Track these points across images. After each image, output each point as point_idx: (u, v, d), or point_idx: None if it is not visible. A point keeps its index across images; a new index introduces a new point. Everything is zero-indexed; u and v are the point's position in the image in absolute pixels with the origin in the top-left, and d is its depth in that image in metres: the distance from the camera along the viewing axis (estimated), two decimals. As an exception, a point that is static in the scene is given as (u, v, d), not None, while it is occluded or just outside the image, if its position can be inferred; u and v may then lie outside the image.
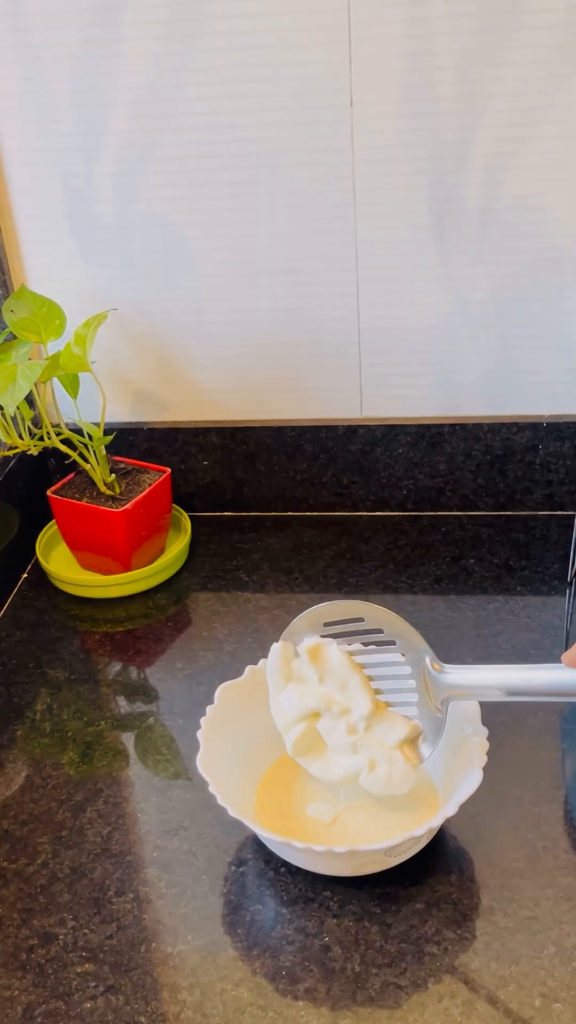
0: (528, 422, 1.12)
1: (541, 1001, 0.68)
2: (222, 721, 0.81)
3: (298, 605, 1.06)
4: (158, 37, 1.00)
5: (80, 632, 1.06)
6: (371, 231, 1.06)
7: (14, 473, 1.14)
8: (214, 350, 1.15)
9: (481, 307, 1.09)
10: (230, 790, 0.76)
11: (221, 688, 0.83)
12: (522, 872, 0.76)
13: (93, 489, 1.10)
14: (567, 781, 0.84)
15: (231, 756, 0.80)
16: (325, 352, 1.14)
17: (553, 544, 1.12)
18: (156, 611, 1.08)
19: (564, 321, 1.08)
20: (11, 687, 0.99)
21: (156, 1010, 0.69)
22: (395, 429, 1.14)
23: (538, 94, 0.98)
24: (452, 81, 0.98)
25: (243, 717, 0.82)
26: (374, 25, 0.97)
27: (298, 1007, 0.69)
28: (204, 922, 0.75)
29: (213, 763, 0.77)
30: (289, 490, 1.20)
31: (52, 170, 1.08)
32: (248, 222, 1.08)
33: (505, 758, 0.85)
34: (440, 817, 0.72)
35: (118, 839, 0.82)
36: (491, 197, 1.03)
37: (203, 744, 0.78)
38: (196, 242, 1.10)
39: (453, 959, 0.71)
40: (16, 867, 0.80)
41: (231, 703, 0.82)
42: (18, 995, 0.71)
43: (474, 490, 1.17)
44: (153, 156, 1.06)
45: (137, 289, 1.13)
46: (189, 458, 1.19)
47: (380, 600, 1.06)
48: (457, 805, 0.72)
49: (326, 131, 1.02)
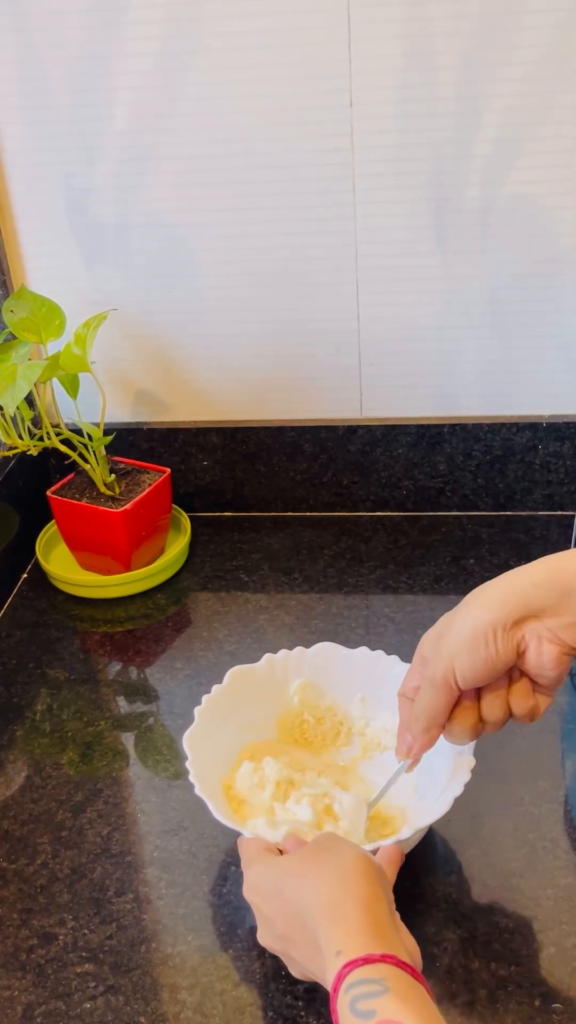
0: (528, 422, 1.12)
1: (541, 1001, 0.68)
2: (223, 703, 0.82)
3: (298, 605, 1.06)
4: (158, 37, 1.00)
5: (80, 632, 1.06)
6: (371, 231, 1.06)
7: (14, 473, 1.14)
8: (214, 350, 1.15)
9: (481, 307, 1.09)
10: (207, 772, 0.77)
11: (232, 672, 0.84)
12: (522, 872, 0.76)
13: (93, 489, 1.10)
14: (567, 781, 0.84)
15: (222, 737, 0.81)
16: (325, 352, 1.14)
17: (553, 544, 1.12)
18: (156, 611, 1.08)
19: (564, 321, 1.08)
20: (11, 687, 0.99)
21: (156, 1010, 0.69)
22: (395, 429, 1.14)
23: (538, 94, 0.98)
24: (452, 81, 0.98)
25: (245, 704, 0.83)
26: (374, 25, 0.97)
27: (298, 1007, 0.69)
28: (204, 922, 0.75)
29: (199, 740, 0.78)
30: (289, 490, 1.20)
31: (52, 170, 1.08)
32: (248, 222, 1.08)
33: (505, 758, 0.85)
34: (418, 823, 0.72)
35: (118, 839, 0.82)
36: (491, 197, 1.03)
37: (197, 720, 0.80)
38: (196, 242, 1.10)
39: (453, 959, 0.71)
40: (16, 867, 0.80)
41: (239, 687, 0.84)
42: (18, 995, 0.71)
43: (474, 490, 1.17)
44: (153, 156, 1.06)
45: (137, 289, 1.13)
46: (189, 458, 1.19)
47: (380, 600, 1.06)
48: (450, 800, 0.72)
49: (326, 131, 1.02)
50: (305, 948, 0.60)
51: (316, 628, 1.03)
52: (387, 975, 0.54)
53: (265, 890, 0.64)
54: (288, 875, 0.62)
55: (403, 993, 0.52)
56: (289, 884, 0.62)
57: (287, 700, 0.86)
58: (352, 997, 0.53)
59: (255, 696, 0.84)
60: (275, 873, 0.64)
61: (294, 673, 0.86)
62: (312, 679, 0.86)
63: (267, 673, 0.85)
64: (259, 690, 0.84)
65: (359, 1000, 0.53)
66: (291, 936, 0.61)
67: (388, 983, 0.53)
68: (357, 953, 0.55)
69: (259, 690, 0.84)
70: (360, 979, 0.54)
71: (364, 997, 0.53)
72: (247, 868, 0.67)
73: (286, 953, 0.63)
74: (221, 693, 0.83)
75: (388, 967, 0.54)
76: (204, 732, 0.79)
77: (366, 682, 0.85)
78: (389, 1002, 0.52)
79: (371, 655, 0.85)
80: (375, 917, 0.57)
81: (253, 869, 0.66)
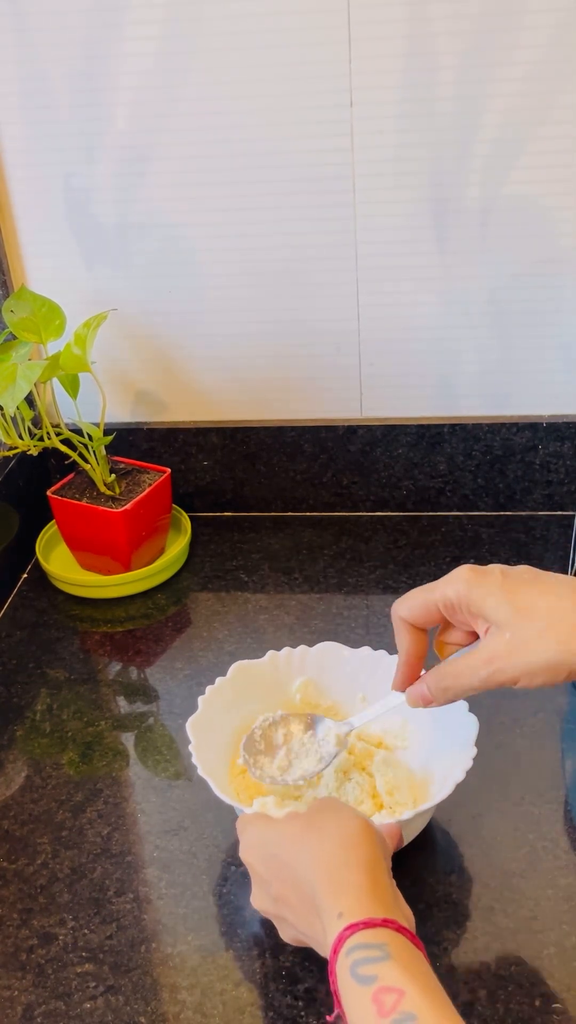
0: (528, 422, 1.12)
1: (541, 1001, 0.68)
2: (227, 694, 0.83)
3: (298, 605, 1.06)
4: (158, 37, 1.00)
5: (80, 632, 1.06)
6: (371, 231, 1.06)
7: (14, 473, 1.14)
8: (214, 350, 1.15)
9: (481, 307, 1.09)
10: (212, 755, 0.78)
11: (236, 666, 0.85)
12: (522, 872, 0.76)
13: (93, 489, 1.10)
14: (567, 781, 0.84)
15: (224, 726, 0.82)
16: (325, 352, 1.14)
17: (553, 544, 1.12)
18: (156, 611, 1.08)
19: (564, 321, 1.08)
20: (11, 687, 0.99)
21: (156, 1010, 0.69)
22: (395, 429, 1.14)
23: (538, 94, 0.98)
24: (452, 81, 0.98)
25: (247, 698, 0.84)
26: (374, 25, 0.97)
27: (298, 1007, 0.69)
28: (204, 922, 0.75)
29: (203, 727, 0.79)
30: (289, 490, 1.20)
31: (52, 170, 1.08)
32: (248, 222, 1.08)
33: (505, 758, 0.85)
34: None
35: (118, 839, 0.82)
36: (491, 197, 1.03)
37: (201, 707, 0.80)
38: (196, 242, 1.10)
39: (453, 959, 0.71)
40: (16, 867, 0.80)
41: (242, 681, 0.84)
42: (18, 995, 0.71)
43: (474, 490, 1.17)
44: (153, 156, 1.06)
45: (137, 289, 1.13)
46: (189, 458, 1.19)
47: (380, 600, 1.06)
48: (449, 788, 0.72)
49: (326, 131, 1.02)
50: (301, 911, 0.60)
51: (316, 628, 1.03)
52: (388, 940, 0.54)
53: (262, 852, 0.64)
54: (288, 837, 0.62)
55: (403, 959, 0.53)
56: (288, 846, 0.61)
57: (289, 698, 0.86)
58: (353, 961, 0.53)
59: (257, 692, 0.84)
60: (273, 835, 0.64)
61: (296, 671, 0.86)
62: (314, 678, 0.86)
63: (270, 670, 0.86)
64: (261, 686, 0.85)
65: (360, 964, 0.53)
66: (287, 898, 0.61)
67: (389, 948, 0.53)
68: (359, 917, 0.55)
69: (261, 686, 0.85)
70: (361, 943, 0.54)
71: (365, 962, 0.53)
72: (243, 831, 0.67)
73: (280, 916, 0.63)
74: (225, 684, 0.83)
75: (389, 932, 0.54)
76: (207, 720, 0.80)
77: (367, 682, 0.85)
78: (390, 968, 0.52)
79: (373, 655, 0.85)
80: (376, 881, 0.57)
81: (250, 830, 0.66)
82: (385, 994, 0.51)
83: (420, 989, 0.51)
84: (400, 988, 0.51)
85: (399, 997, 0.51)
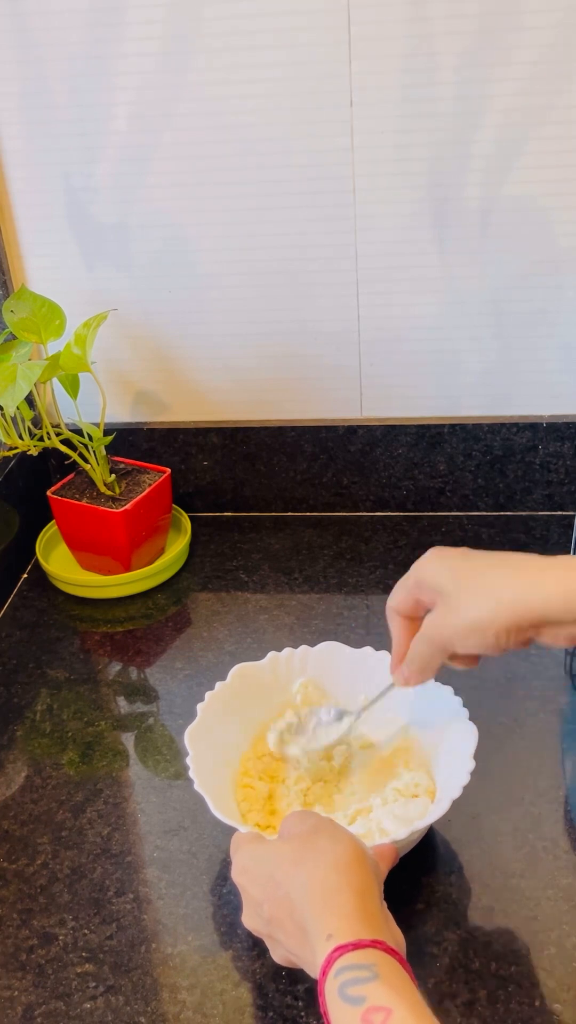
0: (528, 422, 1.12)
1: (541, 1001, 0.68)
2: (227, 699, 0.82)
3: (298, 605, 1.06)
4: (158, 37, 1.00)
5: (80, 632, 1.06)
6: (371, 231, 1.06)
7: (14, 473, 1.14)
8: (214, 350, 1.15)
9: (481, 307, 1.09)
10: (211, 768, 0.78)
11: (236, 669, 0.84)
12: (522, 872, 0.76)
13: (93, 489, 1.10)
14: (567, 781, 0.84)
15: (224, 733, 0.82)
16: (325, 352, 1.14)
17: (553, 544, 1.12)
18: (156, 611, 1.08)
19: (564, 321, 1.08)
20: (11, 687, 0.99)
21: (156, 1010, 0.69)
22: (395, 429, 1.14)
23: (538, 94, 0.98)
24: (452, 81, 0.98)
25: (248, 701, 0.83)
26: (374, 25, 0.97)
27: (298, 1007, 0.69)
28: (204, 922, 0.75)
29: (201, 736, 0.79)
30: (289, 490, 1.20)
31: (52, 170, 1.08)
32: (248, 222, 1.08)
33: (505, 758, 0.85)
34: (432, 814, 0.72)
35: (118, 839, 0.82)
36: (491, 197, 1.03)
37: (200, 716, 0.80)
38: (196, 242, 1.10)
39: (453, 959, 0.71)
40: (16, 867, 0.80)
41: (243, 684, 0.84)
42: (18, 995, 0.71)
43: (474, 490, 1.17)
44: (153, 156, 1.06)
45: (137, 289, 1.13)
46: (189, 458, 1.19)
47: (380, 600, 1.06)
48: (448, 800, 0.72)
49: (326, 131, 1.02)
50: (293, 932, 0.60)
51: (316, 628, 1.03)
52: (377, 961, 0.54)
53: (255, 873, 0.64)
54: (283, 859, 0.62)
55: (392, 980, 0.53)
56: (283, 869, 0.62)
57: (289, 698, 0.86)
58: (341, 982, 0.53)
59: (258, 694, 0.84)
60: (268, 857, 0.64)
61: (298, 672, 0.86)
62: (315, 678, 0.86)
63: (271, 671, 0.85)
64: (263, 688, 0.85)
65: (348, 985, 0.53)
66: (279, 919, 0.61)
67: (377, 969, 0.53)
68: (348, 938, 0.55)
69: (263, 688, 0.85)
70: (350, 964, 0.54)
71: (354, 983, 0.53)
72: (235, 851, 0.67)
73: (271, 936, 0.63)
74: (225, 690, 0.83)
75: (377, 953, 0.55)
76: (206, 728, 0.80)
77: (368, 682, 0.85)
78: (378, 988, 0.52)
79: (375, 655, 0.85)
80: (366, 905, 0.58)
81: (243, 851, 0.66)
82: (374, 1013, 0.51)
83: (408, 1008, 0.51)
84: (388, 1007, 0.51)
85: (387, 1016, 0.51)
